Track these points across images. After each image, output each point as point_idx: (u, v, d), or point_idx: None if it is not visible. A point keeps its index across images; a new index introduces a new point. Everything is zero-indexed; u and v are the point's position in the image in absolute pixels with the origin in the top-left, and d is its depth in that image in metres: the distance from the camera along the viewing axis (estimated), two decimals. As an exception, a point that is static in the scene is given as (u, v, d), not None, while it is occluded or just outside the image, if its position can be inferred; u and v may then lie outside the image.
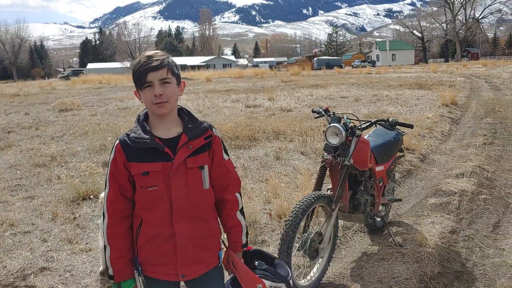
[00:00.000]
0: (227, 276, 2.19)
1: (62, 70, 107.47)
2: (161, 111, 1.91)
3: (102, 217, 1.98)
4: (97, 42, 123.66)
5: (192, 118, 2.02)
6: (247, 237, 2.21)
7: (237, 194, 2.15)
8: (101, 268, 3.68)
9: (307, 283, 3.39)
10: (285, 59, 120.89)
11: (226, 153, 2.11)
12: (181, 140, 1.92)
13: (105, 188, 1.98)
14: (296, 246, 3.26)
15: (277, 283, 2.21)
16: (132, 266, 2.00)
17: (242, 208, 2.19)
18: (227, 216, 2.13)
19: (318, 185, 3.67)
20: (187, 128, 1.96)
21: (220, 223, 2.14)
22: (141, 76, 1.89)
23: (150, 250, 1.94)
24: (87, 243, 4.31)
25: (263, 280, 2.15)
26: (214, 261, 2.05)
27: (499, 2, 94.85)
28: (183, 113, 2.04)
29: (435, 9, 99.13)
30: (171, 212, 1.91)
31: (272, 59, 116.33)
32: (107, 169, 1.98)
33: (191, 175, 1.93)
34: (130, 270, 1.99)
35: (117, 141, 1.95)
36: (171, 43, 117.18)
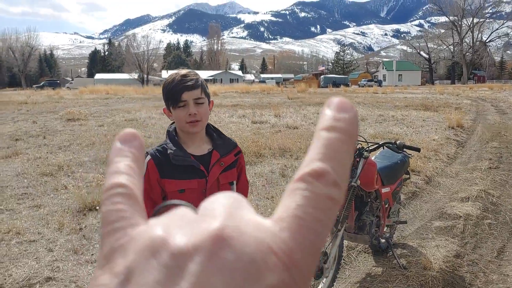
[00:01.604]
0: None
1: (70, 79, 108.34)
2: (194, 129, 1.93)
3: None
4: (106, 53, 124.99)
5: (220, 135, 2.07)
6: None
7: None
8: (106, 280, 3.70)
9: (310, 302, 3.40)
10: (292, 75, 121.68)
11: None
12: (213, 157, 1.96)
13: None
14: (301, 265, 3.27)
15: None
16: None
17: None
18: None
19: (325, 205, 3.69)
20: (217, 145, 2.00)
21: None
22: (176, 95, 1.90)
23: None
24: (92, 254, 4.33)
25: None
26: None
27: (507, 26, 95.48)
28: (210, 129, 2.07)
29: (442, 31, 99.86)
30: None
31: (279, 75, 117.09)
32: None
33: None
34: None
35: (148, 157, 1.92)
36: (179, 56, 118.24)
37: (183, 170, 1.90)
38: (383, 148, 4.13)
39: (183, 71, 1.96)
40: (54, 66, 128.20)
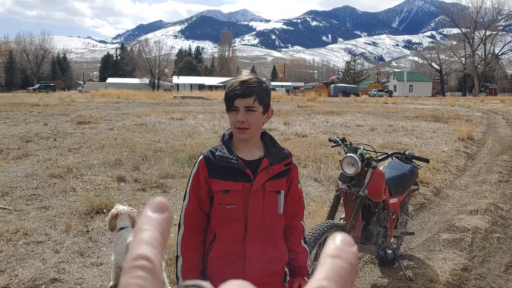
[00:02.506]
0: None
1: (82, 82, 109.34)
2: (241, 136, 1.99)
3: (178, 228, 2.04)
4: (118, 57, 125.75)
5: (274, 143, 2.08)
6: None
7: (302, 222, 2.21)
8: (111, 283, 3.71)
9: (315, 312, 3.37)
10: (302, 84, 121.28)
11: (299, 181, 2.17)
12: (263, 163, 1.98)
13: (184, 200, 2.04)
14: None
15: None
16: (200, 279, 2.02)
17: (305, 236, 2.24)
18: (294, 242, 2.16)
19: (332, 214, 3.69)
20: (269, 153, 2.02)
21: None
22: (229, 100, 1.97)
23: (220, 266, 1.98)
24: (98, 257, 4.35)
25: None
26: (278, 286, 2.08)
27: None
28: (265, 137, 2.10)
29: (454, 43, 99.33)
30: (245, 231, 1.96)
31: (289, 83, 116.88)
32: (188, 181, 2.04)
33: (268, 199, 1.99)
34: None
35: (201, 157, 2.01)
36: (191, 62, 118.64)
37: (230, 172, 1.95)
38: (392, 158, 4.12)
39: (244, 77, 1.99)
40: (66, 69, 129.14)
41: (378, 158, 3.77)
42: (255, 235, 1.96)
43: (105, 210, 5.53)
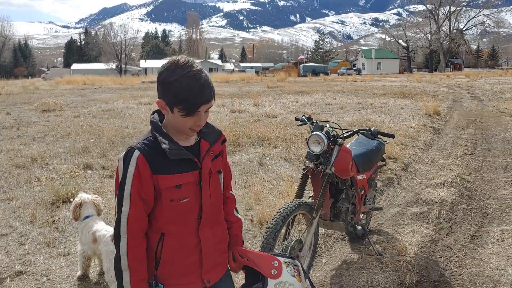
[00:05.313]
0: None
1: (46, 69, 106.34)
2: (193, 134, 1.87)
3: (116, 239, 1.77)
4: (83, 42, 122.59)
5: (206, 123, 1.93)
6: None
7: (232, 192, 2.18)
8: (78, 273, 3.63)
9: (286, 290, 3.38)
10: (271, 64, 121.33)
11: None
12: (203, 147, 1.88)
13: (121, 206, 1.76)
14: (276, 254, 3.25)
15: (291, 259, 2.22)
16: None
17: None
18: (228, 212, 2.12)
19: (300, 193, 3.68)
20: (204, 134, 1.91)
21: None
22: (193, 107, 1.73)
23: (175, 262, 1.84)
24: (65, 247, 4.25)
25: (277, 257, 2.15)
26: (226, 262, 2.06)
27: (483, 15, 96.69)
28: None
29: (420, 19, 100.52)
30: (198, 221, 1.86)
31: (259, 64, 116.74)
32: (122, 184, 1.76)
33: (213, 181, 1.91)
34: None
35: (137, 153, 1.75)
36: (158, 45, 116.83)
37: (177, 164, 1.78)
38: (358, 135, 4.13)
39: (197, 73, 1.74)
40: (29, 56, 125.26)
41: (344, 135, 3.77)
42: (207, 221, 1.88)
43: (71, 199, 5.38)
